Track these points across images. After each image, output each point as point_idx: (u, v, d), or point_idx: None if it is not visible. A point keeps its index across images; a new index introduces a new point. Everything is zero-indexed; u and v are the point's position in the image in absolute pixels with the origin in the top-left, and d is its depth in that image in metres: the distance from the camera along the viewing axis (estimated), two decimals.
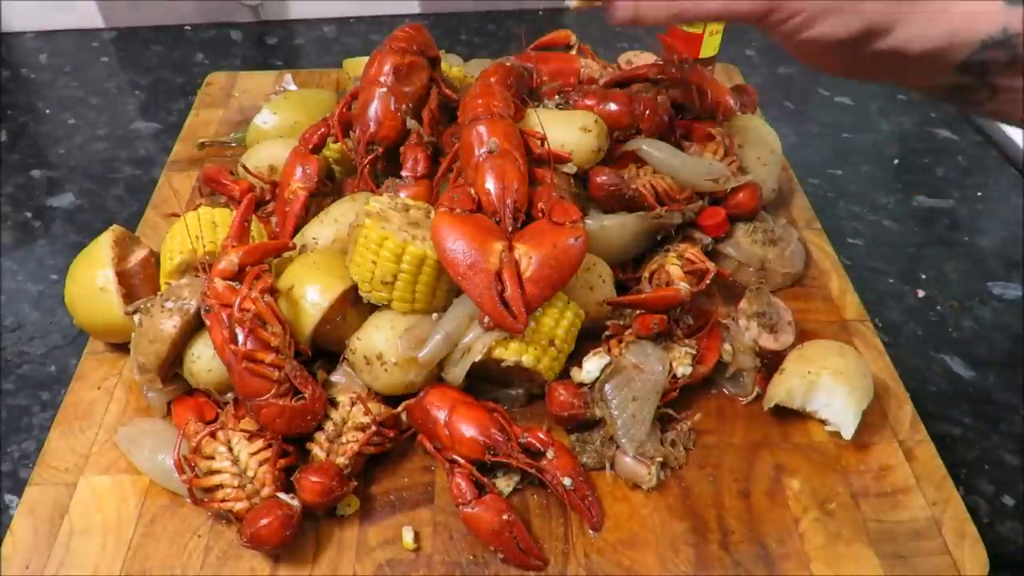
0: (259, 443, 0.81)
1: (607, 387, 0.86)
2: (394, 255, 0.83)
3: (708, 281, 0.94)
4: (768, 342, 0.94)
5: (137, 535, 0.79)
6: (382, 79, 0.98)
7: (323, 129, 1.00)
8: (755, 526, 0.81)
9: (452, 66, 1.20)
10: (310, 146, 0.99)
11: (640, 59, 1.33)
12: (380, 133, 0.97)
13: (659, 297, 0.89)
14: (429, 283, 0.85)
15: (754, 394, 0.91)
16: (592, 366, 0.88)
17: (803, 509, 0.82)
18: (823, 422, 0.88)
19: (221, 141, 1.24)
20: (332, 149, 1.09)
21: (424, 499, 0.83)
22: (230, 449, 0.80)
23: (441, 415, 0.82)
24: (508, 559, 0.76)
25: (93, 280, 0.90)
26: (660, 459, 0.83)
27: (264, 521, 0.74)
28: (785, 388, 0.87)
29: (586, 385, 0.87)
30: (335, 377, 0.89)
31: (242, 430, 0.81)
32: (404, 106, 0.98)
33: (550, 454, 0.81)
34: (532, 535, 0.78)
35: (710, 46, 1.33)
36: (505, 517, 0.76)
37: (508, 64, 1.04)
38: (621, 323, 0.91)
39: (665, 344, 0.89)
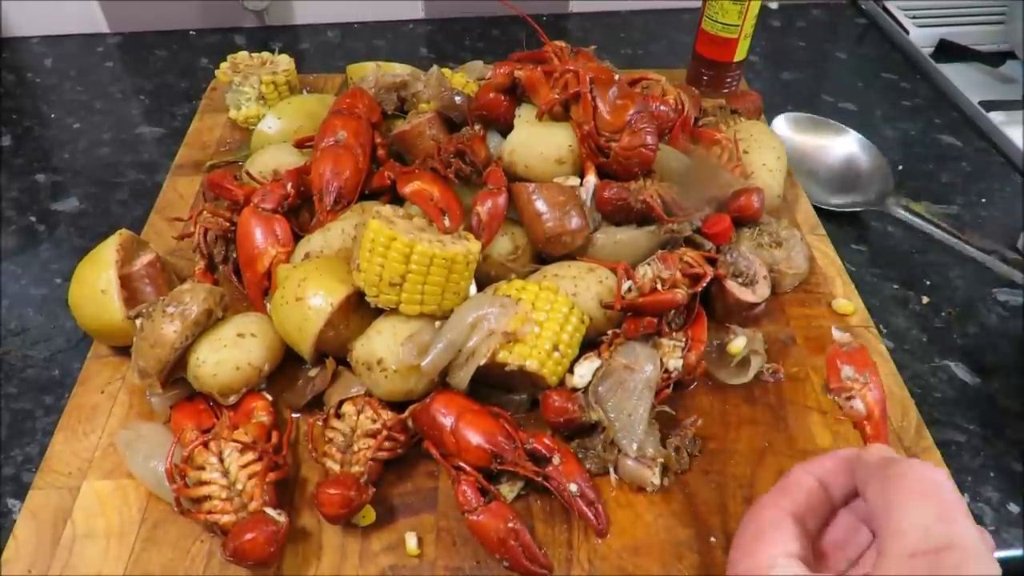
0: (250, 455, 0.80)
1: (600, 389, 0.86)
2: (402, 255, 0.83)
3: (704, 285, 0.93)
4: (747, 295, 0.97)
5: (140, 539, 0.79)
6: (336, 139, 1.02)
7: (280, 191, 0.98)
8: None
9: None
10: (269, 207, 0.97)
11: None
12: (346, 189, 0.99)
13: (657, 301, 0.89)
14: (439, 283, 0.85)
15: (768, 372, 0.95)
16: (583, 370, 0.88)
17: None
18: None
19: (229, 161, 1.24)
20: None
21: (428, 505, 0.82)
22: (221, 460, 0.80)
23: (447, 422, 0.82)
24: (513, 567, 0.76)
25: (95, 282, 0.91)
26: (661, 460, 0.83)
27: (248, 536, 0.73)
28: None
29: (579, 390, 0.87)
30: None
31: (235, 440, 0.81)
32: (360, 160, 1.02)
33: (556, 460, 0.81)
34: (536, 541, 0.78)
35: (742, 49, 1.35)
36: (511, 525, 0.76)
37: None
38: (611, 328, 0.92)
39: (654, 341, 0.90)
